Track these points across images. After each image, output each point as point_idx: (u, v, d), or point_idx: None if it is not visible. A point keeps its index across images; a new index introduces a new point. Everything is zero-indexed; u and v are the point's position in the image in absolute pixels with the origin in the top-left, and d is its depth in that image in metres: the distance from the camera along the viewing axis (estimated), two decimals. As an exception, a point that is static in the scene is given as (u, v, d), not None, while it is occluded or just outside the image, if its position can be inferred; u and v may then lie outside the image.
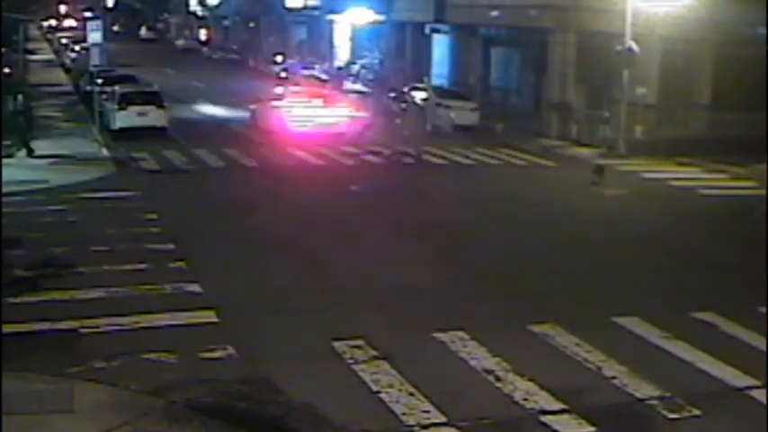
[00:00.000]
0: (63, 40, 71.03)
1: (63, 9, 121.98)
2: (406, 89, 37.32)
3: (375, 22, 50.01)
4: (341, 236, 17.83)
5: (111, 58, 50.53)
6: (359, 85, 47.30)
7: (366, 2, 49.58)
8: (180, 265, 15.04)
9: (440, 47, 44.02)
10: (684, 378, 10.77)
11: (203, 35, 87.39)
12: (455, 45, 42.92)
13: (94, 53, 32.85)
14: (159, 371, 10.48)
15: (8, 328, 11.51)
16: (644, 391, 10.32)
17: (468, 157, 28.20)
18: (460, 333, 11.89)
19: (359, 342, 11.48)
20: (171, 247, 16.23)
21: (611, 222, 19.81)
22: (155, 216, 18.73)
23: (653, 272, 15.85)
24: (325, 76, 49.00)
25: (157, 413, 9.29)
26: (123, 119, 30.10)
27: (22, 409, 9.19)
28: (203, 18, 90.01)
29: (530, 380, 10.45)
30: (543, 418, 9.56)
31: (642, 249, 17.59)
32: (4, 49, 41.94)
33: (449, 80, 42.36)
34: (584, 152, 29.81)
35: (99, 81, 33.59)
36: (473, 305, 13.38)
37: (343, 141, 29.76)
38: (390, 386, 10.24)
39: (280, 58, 57.21)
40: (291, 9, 61.60)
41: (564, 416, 9.61)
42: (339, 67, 52.52)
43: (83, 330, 11.73)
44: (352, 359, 11.00)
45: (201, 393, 9.91)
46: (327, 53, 56.95)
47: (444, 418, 9.49)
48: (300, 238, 17.39)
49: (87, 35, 35.20)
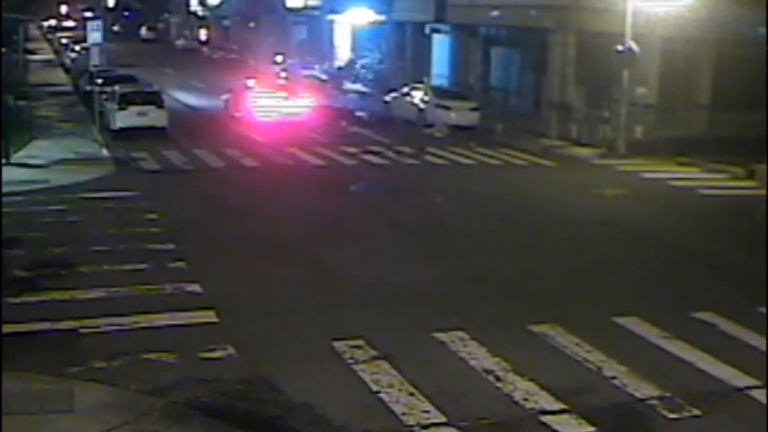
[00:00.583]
0: (63, 40, 70.96)
1: (63, 9, 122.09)
2: (406, 89, 37.37)
3: (375, 22, 50.00)
4: (341, 235, 17.83)
5: (111, 58, 50.49)
6: (359, 85, 47.32)
7: (366, 2, 49.57)
8: (180, 265, 15.04)
9: (440, 47, 44.01)
10: (684, 378, 10.77)
11: (203, 35, 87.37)
12: (455, 45, 42.92)
13: (94, 53, 32.81)
14: (159, 371, 10.48)
15: (8, 328, 11.51)
16: (644, 391, 10.33)
17: (468, 157, 28.20)
18: (460, 333, 11.89)
19: (359, 342, 11.48)
20: (171, 247, 16.23)
21: (610, 222, 19.81)
22: (155, 216, 18.73)
23: (653, 272, 15.85)
24: (324, 76, 49.04)
25: (157, 413, 9.29)
26: (123, 119, 30.10)
27: (22, 409, 9.19)
28: (203, 18, 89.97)
29: (530, 380, 10.45)
30: (543, 418, 9.56)
31: (642, 249, 17.59)
32: (4, 49, 41.89)
33: (449, 80, 42.36)
34: (584, 152, 29.82)
35: (99, 81, 33.55)
36: (473, 305, 13.39)
37: (304, 128, 32.49)
38: (390, 386, 10.24)
39: (280, 58, 57.19)
40: (291, 9, 61.57)
41: (564, 416, 9.61)
42: (339, 67, 52.51)
43: (83, 330, 11.73)
44: (352, 359, 11.00)
45: (201, 393, 9.91)
46: (327, 53, 56.94)
47: (444, 418, 9.49)
48: (300, 238, 17.39)
49: (87, 35, 35.20)
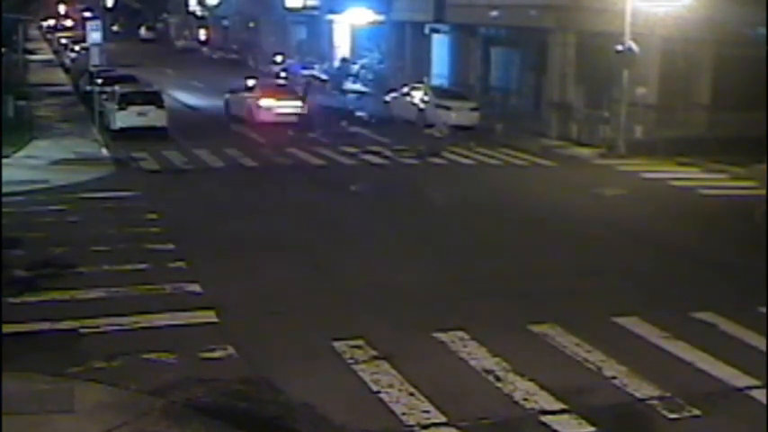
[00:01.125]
0: (63, 40, 70.93)
1: (63, 9, 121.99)
2: (405, 89, 37.39)
3: (374, 22, 49.98)
4: (341, 235, 17.83)
5: (111, 58, 50.50)
6: (359, 85, 47.32)
7: (366, 2, 49.55)
8: (180, 265, 15.04)
9: (440, 47, 43.99)
10: (684, 378, 10.77)
11: (203, 35, 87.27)
12: (455, 45, 42.90)
13: (94, 53, 32.86)
14: (159, 371, 10.48)
15: (8, 328, 11.51)
16: (644, 391, 10.32)
17: (468, 157, 28.19)
18: (460, 333, 11.90)
19: (359, 342, 11.48)
20: (171, 247, 16.23)
21: (610, 222, 19.81)
22: (155, 216, 18.74)
23: (653, 272, 15.85)
24: (324, 76, 49.04)
25: (157, 413, 9.29)
26: (123, 119, 30.10)
27: (22, 409, 9.19)
28: (203, 18, 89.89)
29: (530, 380, 10.45)
30: (543, 418, 9.56)
31: (642, 249, 17.59)
32: (4, 49, 41.90)
33: (449, 80, 42.35)
34: (584, 152, 29.82)
35: (99, 81, 33.58)
36: (473, 305, 13.39)
37: (304, 128, 33.04)
38: (390, 386, 10.24)
39: (279, 58, 57.18)
40: (291, 9, 61.53)
41: (564, 416, 9.61)
42: (339, 67, 52.52)
43: (83, 330, 11.73)
44: (352, 359, 11.00)
45: (201, 393, 9.91)
46: (327, 53, 56.92)
47: (444, 418, 9.49)
48: (300, 238, 17.39)
49: (87, 35, 35.22)
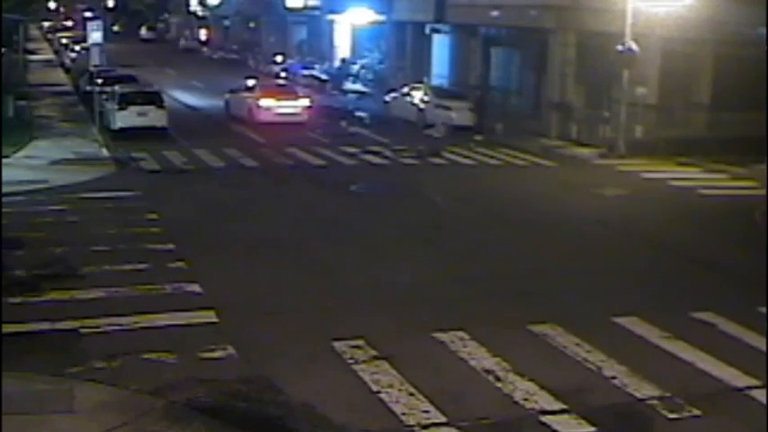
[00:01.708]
0: (63, 40, 70.93)
1: (63, 9, 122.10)
2: (406, 89, 37.39)
3: (375, 22, 49.97)
4: (341, 235, 17.83)
5: (112, 58, 50.52)
6: (359, 85, 47.31)
7: (366, 2, 49.53)
8: (180, 265, 15.05)
9: (440, 47, 43.99)
10: (684, 378, 10.77)
11: (203, 35, 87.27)
12: (455, 45, 42.89)
13: (94, 53, 32.87)
14: (159, 371, 10.48)
15: (8, 328, 11.52)
16: (644, 391, 10.33)
17: (468, 157, 28.20)
18: (460, 333, 11.90)
19: (359, 342, 11.49)
20: (171, 247, 16.23)
21: (610, 222, 19.81)
22: (155, 216, 18.74)
23: (653, 272, 15.85)
24: (324, 76, 49.04)
25: (157, 413, 9.30)
26: (123, 119, 30.09)
27: (22, 409, 9.20)
28: (203, 18, 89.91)
29: (530, 380, 10.46)
30: (543, 418, 9.56)
31: (642, 249, 17.59)
32: (4, 49, 41.90)
33: (449, 80, 42.34)
34: (584, 152, 29.82)
35: (99, 81, 33.58)
36: (473, 305, 13.39)
37: (304, 128, 33.01)
38: (390, 386, 10.24)
39: (280, 58, 57.18)
40: (291, 9, 61.52)
41: (564, 416, 9.62)
42: (339, 67, 52.52)
43: (83, 330, 11.73)
44: (352, 359, 11.01)
45: (201, 393, 9.92)
46: (327, 53, 56.92)
47: (444, 418, 9.49)
48: (300, 238, 17.39)
49: (87, 35, 35.23)
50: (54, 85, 47.67)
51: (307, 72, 50.04)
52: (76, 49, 56.34)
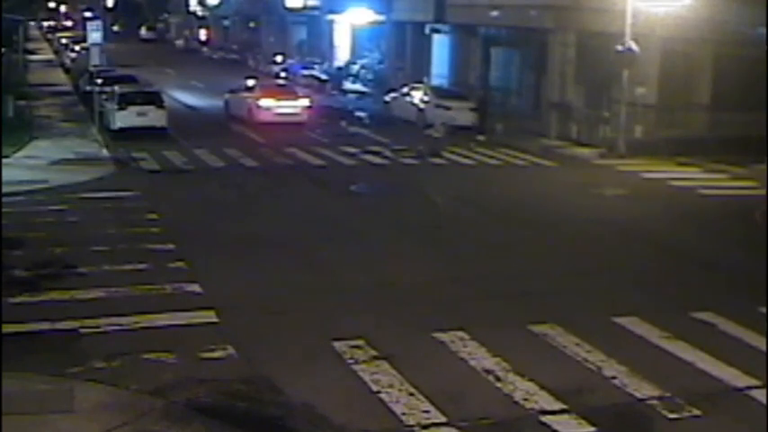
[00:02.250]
0: (63, 40, 70.94)
1: (63, 9, 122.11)
2: (405, 89, 37.38)
3: (375, 22, 49.97)
4: (341, 235, 17.83)
5: (112, 58, 50.52)
6: (359, 85, 47.31)
7: (366, 2, 49.53)
8: (180, 265, 15.04)
9: (440, 47, 43.98)
10: (684, 378, 10.77)
11: (203, 35, 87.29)
12: (455, 45, 42.89)
13: (94, 53, 32.88)
14: (159, 371, 10.48)
15: (8, 328, 11.51)
16: (644, 391, 10.32)
17: (469, 157, 28.19)
18: (460, 333, 11.89)
19: (359, 342, 11.48)
20: (171, 247, 16.23)
21: (610, 222, 19.81)
22: (155, 216, 18.74)
23: (653, 272, 15.85)
24: (324, 76, 49.04)
25: (157, 413, 9.29)
26: (123, 119, 30.09)
27: (22, 409, 9.19)
28: (203, 18, 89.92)
29: (530, 380, 10.45)
30: (543, 418, 9.55)
31: (642, 249, 17.59)
32: (4, 49, 41.92)
33: (449, 80, 42.34)
34: (584, 152, 29.81)
35: (99, 81, 33.59)
36: (473, 305, 13.39)
37: (304, 128, 33.12)
38: (390, 386, 10.24)
39: (279, 58, 57.18)
40: (291, 9, 61.53)
41: (564, 416, 9.61)
42: (339, 67, 52.52)
43: (83, 330, 11.73)
44: (352, 359, 11.00)
45: (201, 393, 9.91)
46: (327, 53, 56.93)
47: (444, 418, 9.49)
48: (300, 238, 17.39)
49: (87, 35, 35.24)
50: (54, 85, 47.66)
51: (307, 72, 50.05)
52: (76, 49, 56.36)
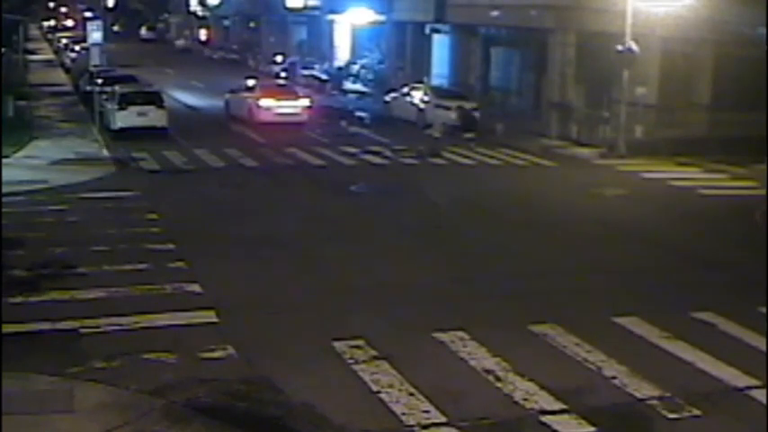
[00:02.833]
0: (63, 40, 70.96)
1: (63, 9, 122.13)
2: (406, 89, 37.40)
3: (375, 22, 49.99)
4: (341, 235, 17.84)
5: (112, 58, 50.52)
6: (359, 85, 47.31)
7: (366, 2, 49.55)
8: (180, 265, 15.04)
9: (440, 47, 44.00)
10: (684, 378, 10.77)
11: (203, 35, 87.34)
12: (455, 45, 42.91)
13: (94, 53, 32.88)
14: (159, 371, 10.48)
15: (8, 328, 11.52)
16: (644, 391, 10.33)
17: (469, 157, 28.19)
18: (460, 333, 11.90)
19: (359, 342, 11.49)
20: (171, 247, 16.23)
21: (610, 222, 19.81)
22: (155, 216, 18.74)
23: (653, 272, 15.85)
24: (324, 76, 49.05)
25: (157, 413, 9.30)
26: (123, 119, 30.08)
27: (22, 409, 9.19)
28: (203, 18, 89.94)
29: (530, 380, 10.45)
30: (543, 418, 9.56)
31: (642, 249, 17.59)
32: (4, 49, 41.94)
33: (449, 80, 42.36)
34: (584, 152, 29.82)
35: (99, 81, 33.59)
36: (473, 305, 13.39)
37: (304, 128, 33.18)
38: (390, 386, 10.24)
39: (280, 58, 57.18)
40: (292, 9, 61.54)
41: (564, 416, 9.61)
42: (339, 67, 52.53)
43: (83, 330, 11.73)
44: (352, 359, 11.00)
45: (201, 393, 9.91)
46: (327, 53, 56.94)
47: (444, 418, 9.49)
48: (300, 238, 17.39)
49: (87, 35, 35.24)
50: (54, 85, 47.67)
51: (307, 72, 50.05)
52: (76, 49, 56.39)
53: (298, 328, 12.17)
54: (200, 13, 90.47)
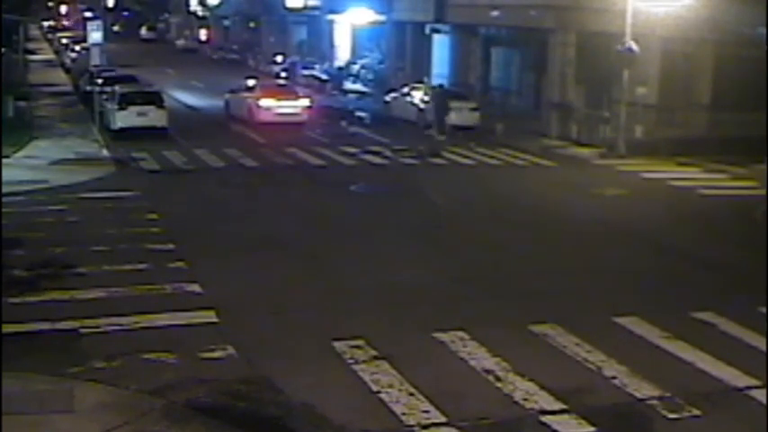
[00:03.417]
0: (63, 40, 70.95)
1: (63, 9, 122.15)
2: (406, 89, 37.40)
3: (375, 22, 50.00)
4: (341, 235, 17.83)
5: (111, 58, 50.52)
6: (359, 85, 47.31)
7: (366, 2, 49.57)
8: (180, 265, 15.04)
9: (440, 47, 44.02)
10: (684, 378, 10.77)
11: (203, 35, 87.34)
12: (455, 45, 42.92)
13: (94, 53, 32.89)
14: (159, 371, 10.48)
15: (8, 328, 11.52)
16: (644, 391, 10.32)
17: (468, 158, 28.19)
18: (460, 333, 11.89)
19: (359, 342, 11.48)
20: (171, 247, 16.23)
21: (610, 222, 19.81)
22: (155, 216, 18.74)
23: (653, 272, 15.85)
24: (324, 76, 49.06)
25: (157, 413, 9.29)
26: (123, 119, 30.09)
27: (22, 409, 9.19)
28: (203, 18, 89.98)
29: (530, 380, 10.45)
30: (543, 418, 9.55)
31: (642, 249, 17.59)
32: (4, 49, 41.93)
33: (449, 80, 42.36)
34: (584, 152, 29.81)
35: (99, 81, 33.60)
36: (473, 305, 13.39)
37: (304, 128, 33.22)
38: (390, 386, 10.24)
39: (280, 58, 57.20)
40: (292, 9, 61.57)
41: (564, 416, 9.61)
42: (339, 67, 52.53)
43: (83, 330, 11.73)
44: (352, 359, 11.00)
45: (201, 393, 9.91)
46: (327, 53, 56.95)
47: (444, 418, 9.49)
48: (300, 238, 17.39)
49: (87, 35, 35.25)
50: (54, 85, 47.68)
51: (307, 72, 50.06)
52: (76, 49, 56.40)
53: (298, 328, 12.17)
54: (200, 13, 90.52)
